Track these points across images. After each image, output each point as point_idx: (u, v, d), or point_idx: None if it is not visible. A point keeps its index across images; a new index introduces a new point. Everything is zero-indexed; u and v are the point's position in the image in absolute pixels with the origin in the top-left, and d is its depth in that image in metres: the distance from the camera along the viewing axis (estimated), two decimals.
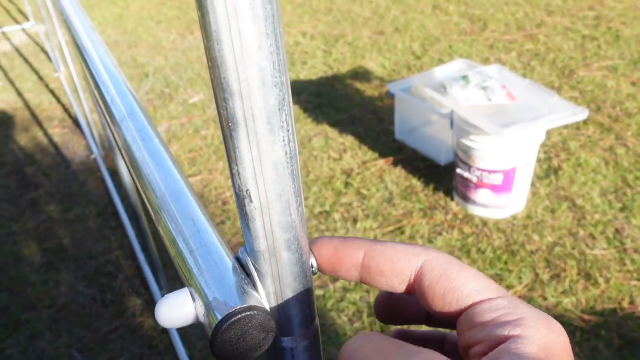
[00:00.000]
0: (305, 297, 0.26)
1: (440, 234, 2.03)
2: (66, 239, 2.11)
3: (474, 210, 2.11)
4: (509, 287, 1.80)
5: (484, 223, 2.06)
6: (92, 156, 2.55)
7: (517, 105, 2.00)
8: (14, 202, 2.33)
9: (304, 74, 3.21)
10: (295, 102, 2.94)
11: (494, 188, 2.02)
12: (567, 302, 1.74)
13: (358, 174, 2.37)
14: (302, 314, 0.26)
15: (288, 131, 0.21)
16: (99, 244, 2.07)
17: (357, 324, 1.72)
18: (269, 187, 0.22)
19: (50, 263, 2.00)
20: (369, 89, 3.03)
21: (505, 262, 1.89)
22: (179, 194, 0.29)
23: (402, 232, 2.05)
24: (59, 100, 3.13)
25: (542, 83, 2.85)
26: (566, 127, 2.53)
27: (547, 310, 1.71)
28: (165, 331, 1.72)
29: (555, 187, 2.20)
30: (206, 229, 0.27)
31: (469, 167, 2.03)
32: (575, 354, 1.58)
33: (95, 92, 0.44)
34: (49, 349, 1.69)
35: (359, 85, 3.07)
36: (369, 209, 2.17)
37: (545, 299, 1.75)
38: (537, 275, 1.84)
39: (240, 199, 0.23)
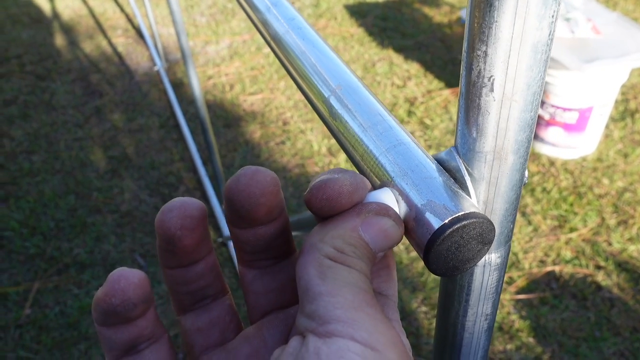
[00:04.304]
0: (513, 211, 0.23)
1: None
2: (130, 147, 2.14)
3: (542, 148, 2.03)
4: (573, 229, 1.75)
5: (552, 163, 1.99)
6: (155, 68, 2.54)
7: (602, 40, 1.88)
8: (79, 109, 2.36)
9: None
10: (359, 24, 2.84)
11: (567, 127, 1.93)
12: (633, 249, 1.68)
13: (422, 103, 2.30)
14: (507, 229, 0.23)
15: (557, 3, 0.17)
16: (161, 155, 2.09)
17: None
18: (520, 74, 0.18)
19: (115, 170, 2.04)
20: (437, 15, 2.89)
21: (571, 204, 1.83)
22: (356, 87, 0.26)
23: None
24: (122, 10, 3.11)
25: None
26: None
27: (612, 256, 1.66)
28: (224, 244, 1.75)
29: (630, 130, 2.10)
30: (397, 125, 0.24)
31: (542, 103, 1.94)
32: (636, 301, 1.55)
33: None
34: (114, 252, 1.75)
35: (427, 10, 2.94)
36: (431, 139, 2.11)
37: (610, 244, 1.70)
38: (603, 220, 1.77)
39: (477, 88, 0.19)
